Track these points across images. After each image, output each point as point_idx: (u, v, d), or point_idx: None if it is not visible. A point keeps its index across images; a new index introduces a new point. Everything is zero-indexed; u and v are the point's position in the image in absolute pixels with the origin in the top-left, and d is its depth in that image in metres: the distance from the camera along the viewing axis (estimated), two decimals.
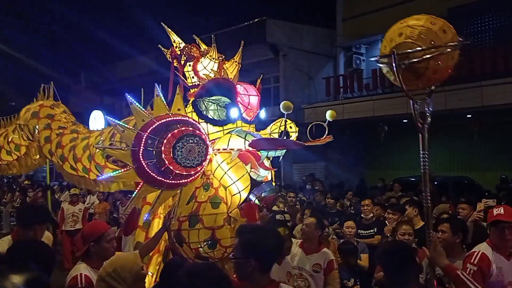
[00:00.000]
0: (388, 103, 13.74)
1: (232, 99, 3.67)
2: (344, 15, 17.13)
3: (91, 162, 4.65)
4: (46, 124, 5.39)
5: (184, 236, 3.57)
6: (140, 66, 20.69)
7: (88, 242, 3.15)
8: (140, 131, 3.18)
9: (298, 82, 16.54)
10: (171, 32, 3.98)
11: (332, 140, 3.85)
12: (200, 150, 3.27)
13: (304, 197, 10.84)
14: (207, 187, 3.59)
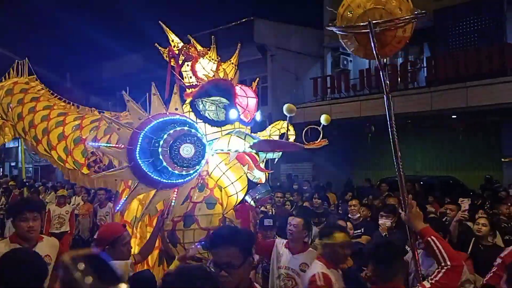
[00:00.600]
0: (375, 104, 13.80)
1: (231, 100, 3.65)
2: (331, 15, 17.16)
3: (67, 155, 4.51)
4: (19, 99, 5.08)
5: (179, 237, 3.53)
6: (127, 65, 20.58)
7: (103, 245, 3.08)
8: (136, 130, 3.13)
9: (285, 82, 16.57)
10: (169, 31, 3.94)
11: (327, 144, 3.81)
12: (197, 150, 3.25)
13: (292, 197, 10.85)
14: (202, 187, 3.56)
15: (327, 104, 15.17)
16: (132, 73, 19.61)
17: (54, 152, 4.62)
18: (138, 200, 3.70)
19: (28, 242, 3.40)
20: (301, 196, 10.75)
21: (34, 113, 4.84)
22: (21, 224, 3.31)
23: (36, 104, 4.93)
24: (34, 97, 5.02)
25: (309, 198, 10.21)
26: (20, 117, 4.93)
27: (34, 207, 3.41)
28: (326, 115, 3.80)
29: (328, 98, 16.00)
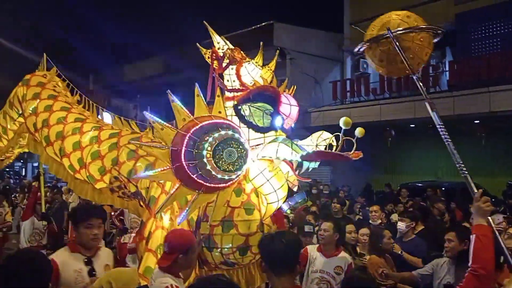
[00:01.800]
0: (396, 108, 13.71)
1: (276, 108, 3.63)
2: (351, 18, 17.11)
3: (81, 167, 4.21)
4: (35, 93, 4.68)
5: (216, 241, 3.50)
6: (148, 68, 20.79)
7: (177, 253, 3.05)
8: (181, 131, 3.11)
9: (304, 86, 16.51)
10: (214, 32, 3.90)
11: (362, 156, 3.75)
12: (240, 154, 3.21)
13: (310, 201, 10.80)
14: (238, 192, 3.53)
15: (346, 107, 15.09)
16: (154, 75, 19.83)
17: (66, 159, 4.30)
18: (162, 228, 3.69)
19: (89, 251, 3.32)
20: (317, 201, 10.73)
21: (50, 112, 4.49)
22: (86, 232, 3.19)
23: (53, 102, 4.58)
24: (52, 95, 4.68)
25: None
26: (34, 112, 4.57)
27: (100, 214, 3.32)
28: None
29: (347, 102, 15.91)
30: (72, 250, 3.28)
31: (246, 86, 3.69)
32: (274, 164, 3.45)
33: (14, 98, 4.90)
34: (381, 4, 16.02)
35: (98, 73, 24.28)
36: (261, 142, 3.61)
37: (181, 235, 3.23)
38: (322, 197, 11.81)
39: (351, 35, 17.13)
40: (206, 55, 3.90)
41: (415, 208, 8.13)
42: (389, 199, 11.18)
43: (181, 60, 14.07)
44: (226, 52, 3.77)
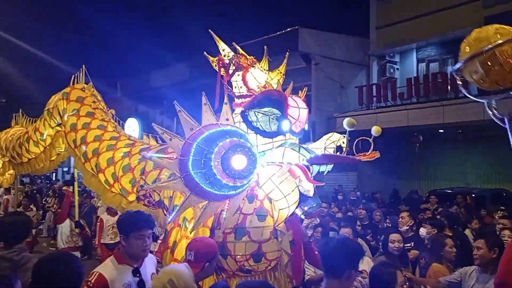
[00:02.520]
0: (424, 113, 13.47)
1: (283, 111, 3.59)
2: (377, 23, 16.94)
3: (115, 181, 4.42)
4: (74, 109, 4.95)
5: (230, 249, 3.49)
6: (173, 75, 21.05)
7: (204, 261, 3.06)
8: (188, 140, 3.12)
9: (330, 91, 16.44)
10: (220, 40, 3.91)
11: (379, 156, 3.71)
12: (249, 161, 3.19)
13: (336, 208, 10.70)
14: (251, 198, 3.51)
15: (373, 113, 14.90)
16: (180, 81, 20.05)
17: (101, 174, 4.53)
18: (187, 237, 3.69)
19: (136, 261, 3.18)
20: (341, 207, 10.63)
21: (88, 130, 4.78)
22: (137, 242, 3.05)
23: (91, 120, 4.87)
24: (90, 112, 4.96)
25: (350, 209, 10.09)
26: (73, 128, 4.87)
27: (151, 224, 3.16)
28: (377, 127, 3.71)
29: (373, 107, 15.72)
30: (119, 262, 3.12)
31: (252, 92, 3.69)
32: (283, 169, 3.41)
33: (54, 110, 5.16)
34: (407, 8, 15.87)
35: (125, 80, 24.72)
36: (270, 147, 3.59)
37: (207, 243, 3.24)
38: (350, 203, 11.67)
39: (377, 39, 16.96)
40: (213, 63, 3.92)
41: (442, 215, 7.97)
42: (417, 205, 10.96)
43: (205, 66, 14.15)
44: (232, 59, 3.76)
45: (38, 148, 5.64)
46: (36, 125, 5.63)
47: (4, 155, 6.55)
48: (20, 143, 5.88)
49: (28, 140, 5.69)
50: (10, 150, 6.14)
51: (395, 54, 16.91)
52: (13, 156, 6.11)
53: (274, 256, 3.54)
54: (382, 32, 16.80)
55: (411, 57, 16.79)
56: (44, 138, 5.49)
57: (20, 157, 5.97)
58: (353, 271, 2.56)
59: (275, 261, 3.59)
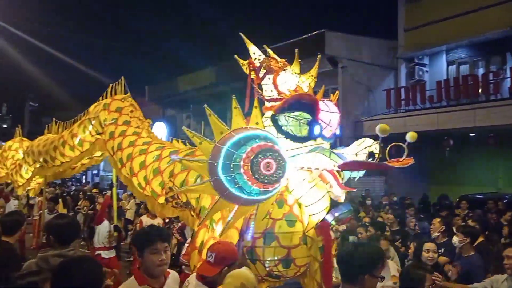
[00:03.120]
0: (454, 116, 13.18)
1: (314, 116, 3.54)
2: (406, 25, 16.69)
3: (146, 184, 4.56)
4: (113, 118, 5.24)
5: (259, 254, 3.47)
6: (199, 79, 21.23)
7: (223, 265, 3.07)
8: (218, 144, 3.11)
9: (357, 94, 16.26)
10: (250, 43, 3.90)
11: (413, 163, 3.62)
12: (278, 166, 3.16)
13: (363, 213, 10.56)
14: (280, 203, 3.49)
15: (401, 116, 14.66)
16: (206, 86, 20.21)
17: (135, 178, 4.71)
18: (214, 238, 3.68)
19: (157, 281, 3.01)
20: (369, 211, 10.48)
21: (124, 137, 5.02)
22: (152, 258, 2.88)
23: (127, 128, 5.11)
24: (127, 121, 5.20)
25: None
26: (112, 137, 5.12)
27: (165, 237, 3.00)
28: (413, 133, 3.61)
29: (402, 110, 15.48)
30: (140, 283, 2.95)
31: (283, 96, 3.66)
32: (314, 175, 3.36)
33: (95, 120, 5.43)
34: (436, 10, 15.57)
35: (153, 85, 25.07)
36: (300, 152, 3.53)
37: (228, 248, 3.24)
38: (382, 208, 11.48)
39: (406, 42, 16.70)
40: (244, 66, 3.90)
41: (473, 220, 7.76)
42: (447, 211, 10.70)
43: (232, 70, 14.25)
44: (262, 62, 3.74)
45: (73, 152, 5.83)
46: (74, 131, 5.80)
47: (35, 161, 6.75)
48: (54, 146, 6.05)
49: (63, 144, 5.87)
50: (43, 154, 6.32)
51: (424, 57, 16.61)
52: (46, 159, 6.29)
53: (304, 262, 3.51)
54: (410, 34, 16.53)
55: (441, 59, 16.47)
56: (81, 144, 5.70)
57: (53, 160, 6.14)
58: (368, 276, 2.48)
59: (305, 268, 3.56)
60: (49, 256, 3.37)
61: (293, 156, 3.47)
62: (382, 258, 2.59)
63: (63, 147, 5.87)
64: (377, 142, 3.57)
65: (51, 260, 3.31)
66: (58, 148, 5.96)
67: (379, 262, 2.55)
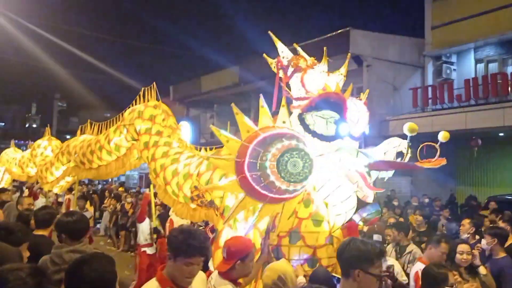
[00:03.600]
0: (483, 115, 12.88)
1: (342, 115, 3.51)
2: (433, 23, 16.38)
3: (179, 190, 4.70)
4: (147, 128, 5.41)
5: (284, 252, 3.48)
6: (223, 79, 21.31)
7: (235, 259, 3.07)
8: (245, 143, 3.13)
9: (382, 93, 16.03)
10: (278, 41, 3.89)
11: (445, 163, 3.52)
12: (305, 165, 3.15)
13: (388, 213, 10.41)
14: (307, 203, 3.47)
15: (428, 115, 14.40)
16: (230, 85, 20.27)
17: (168, 186, 4.86)
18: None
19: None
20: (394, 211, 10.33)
21: (156, 147, 5.18)
22: (184, 269, 2.70)
23: (159, 139, 5.28)
24: (159, 131, 5.36)
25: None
26: (146, 146, 5.31)
27: (204, 252, 2.79)
28: (446, 132, 3.51)
29: (429, 109, 15.20)
30: (163, 286, 2.78)
31: (311, 94, 3.62)
32: (340, 174, 3.32)
33: (131, 127, 5.57)
34: (464, 7, 15.24)
35: (177, 85, 25.30)
36: (327, 151, 3.51)
37: (239, 241, 3.24)
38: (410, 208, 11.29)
39: (433, 39, 16.39)
40: (272, 65, 3.89)
41: (505, 220, 7.55)
42: (476, 212, 10.46)
43: (256, 69, 14.29)
44: (290, 61, 3.71)
45: (110, 156, 6.03)
46: (109, 136, 5.96)
47: (69, 160, 6.97)
48: (91, 150, 6.25)
49: (100, 149, 6.07)
50: (80, 155, 6.52)
51: (451, 55, 16.28)
52: (82, 161, 6.49)
53: (330, 263, 3.50)
54: (438, 32, 16.21)
55: (469, 57, 16.11)
56: (118, 149, 5.88)
57: (90, 163, 6.36)
58: (359, 271, 2.41)
59: (331, 268, 3.54)
60: (63, 252, 3.42)
61: (319, 155, 3.45)
62: (378, 256, 2.48)
63: (100, 152, 6.07)
64: (407, 142, 3.50)
65: (65, 256, 3.37)
66: (95, 152, 6.16)
67: (373, 259, 2.46)
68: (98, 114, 35.56)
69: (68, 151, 6.94)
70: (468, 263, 4.74)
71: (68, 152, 6.95)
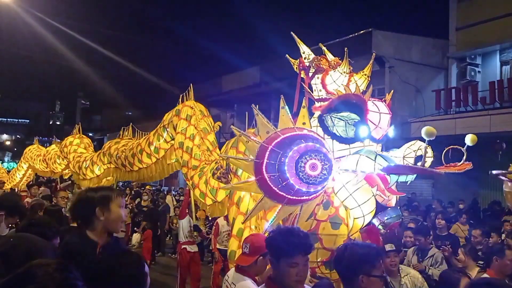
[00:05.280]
0: (507, 118, 12.61)
1: (362, 116, 3.47)
2: (457, 24, 16.10)
3: (206, 187, 4.89)
4: (182, 128, 5.64)
5: None
6: (244, 79, 21.35)
7: (258, 254, 3.12)
8: (264, 144, 3.14)
9: (404, 94, 15.83)
10: (301, 42, 3.89)
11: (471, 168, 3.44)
12: (323, 167, 3.13)
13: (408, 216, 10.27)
14: (327, 205, 3.46)
15: (451, 118, 14.16)
16: (250, 86, 20.30)
17: (197, 189, 5.06)
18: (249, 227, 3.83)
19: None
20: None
21: (190, 157, 5.46)
22: (290, 271, 2.46)
23: (192, 147, 5.50)
24: (192, 135, 5.57)
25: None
26: (181, 146, 5.54)
27: (308, 248, 2.56)
28: (473, 135, 3.42)
29: (452, 111, 14.95)
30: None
31: (331, 95, 3.61)
32: (359, 177, 3.28)
33: (169, 125, 5.82)
34: (489, 8, 14.93)
35: (198, 85, 25.44)
36: (346, 154, 3.49)
37: (262, 238, 3.24)
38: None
39: (457, 41, 16.11)
40: (294, 65, 3.89)
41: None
42: (498, 218, 10.24)
43: (276, 70, 14.27)
44: (312, 61, 3.69)
45: (150, 159, 6.25)
46: (150, 139, 6.22)
47: (110, 162, 7.26)
48: (133, 153, 6.53)
49: (141, 152, 6.34)
50: (121, 158, 6.81)
51: (476, 56, 15.96)
52: (124, 164, 6.77)
53: None
54: (462, 33, 15.93)
55: (494, 59, 15.78)
56: (157, 151, 6.12)
57: (132, 166, 6.62)
58: (362, 277, 2.32)
59: None
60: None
61: (338, 157, 3.44)
62: (377, 256, 2.41)
63: (141, 154, 6.34)
64: (428, 145, 3.43)
65: None
66: (136, 155, 6.44)
67: (374, 261, 2.38)
68: (120, 112, 36.05)
69: (110, 153, 7.21)
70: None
71: (109, 154, 7.23)
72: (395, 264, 4.23)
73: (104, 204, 2.63)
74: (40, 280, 1.55)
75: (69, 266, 1.71)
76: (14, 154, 40.92)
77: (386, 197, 3.37)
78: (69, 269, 1.66)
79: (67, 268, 1.66)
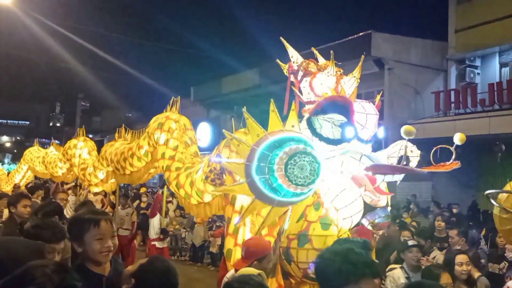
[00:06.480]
0: (507, 120, 12.63)
1: (348, 117, 3.52)
2: (457, 26, 16.13)
3: (191, 188, 4.94)
4: (165, 139, 5.74)
5: (293, 255, 3.51)
6: (243, 81, 21.38)
7: (252, 259, 3.19)
8: (254, 146, 3.18)
9: (404, 96, 15.86)
10: (289, 46, 3.96)
11: (460, 167, 3.50)
12: (312, 168, 3.17)
13: (408, 219, 10.29)
14: (317, 206, 3.50)
15: (450, 120, 14.18)
16: (249, 88, 20.32)
17: (182, 190, 5.12)
18: (244, 224, 3.88)
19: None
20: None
21: (172, 161, 5.53)
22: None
23: (175, 154, 5.60)
24: (175, 147, 5.67)
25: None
26: (163, 157, 5.64)
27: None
28: (462, 134, 3.48)
29: (451, 113, 14.97)
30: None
31: (320, 98, 3.67)
32: (344, 177, 3.32)
33: (152, 136, 5.93)
34: (489, 10, 14.96)
35: (198, 86, 25.48)
36: (333, 155, 3.53)
37: (258, 242, 3.34)
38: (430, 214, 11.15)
39: (456, 43, 16.14)
40: (284, 69, 3.95)
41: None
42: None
43: (276, 72, 14.25)
44: (300, 65, 3.76)
45: (140, 163, 6.38)
46: (140, 143, 6.33)
47: (108, 165, 7.40)
48: (124, 157, 6.64)
49: (132, 156, 6.46)
50: (114, 162, 6.95)
51: (475, 58, 15.99)
52: (117, 168, 6.90)
53: None
54: (461, 35, 15.95)
55: (493, 61, 15.81)
56: (147, 155, 6.25)
57: (124, 169, 6.74)
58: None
59: None
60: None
61: (326, 158, 3.47)
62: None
63: (132, 158, 6.45)
64: (413, 145, 3.51)
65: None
66: (128, 159, 6.55)
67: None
68: (120, 114, 36.09)
69: (106, 157, 7.37)
70: (468, 275, 4.46)
71: (106, 158, 7.34)
72: (417, 259, 4.55)
73: (77, 238, 2.47)
74: (38, 281, 1.55)
75: (67, 267, 1.72)
76: (14, 156, 40.92)
77: (376, 198, 3.40)
78: (67, 270, 1.67)
79: (65, 269, 1.66)
